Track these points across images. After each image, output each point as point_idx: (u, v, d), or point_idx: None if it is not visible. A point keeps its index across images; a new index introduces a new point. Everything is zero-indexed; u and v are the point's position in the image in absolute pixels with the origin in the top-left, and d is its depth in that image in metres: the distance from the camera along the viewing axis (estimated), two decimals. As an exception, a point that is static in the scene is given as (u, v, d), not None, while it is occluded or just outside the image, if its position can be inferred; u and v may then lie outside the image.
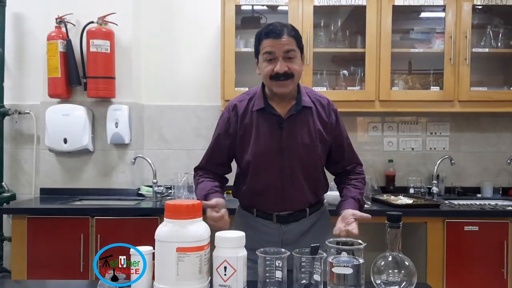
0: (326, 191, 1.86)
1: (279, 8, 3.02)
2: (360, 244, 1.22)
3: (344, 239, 1.25)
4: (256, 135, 1.72)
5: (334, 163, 1.83)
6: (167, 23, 3.25)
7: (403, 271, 1.16)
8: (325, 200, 1.90)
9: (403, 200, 2.82)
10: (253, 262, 1.28)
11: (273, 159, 1.70)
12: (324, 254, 1.21)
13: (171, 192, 2.97)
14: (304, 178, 1.73)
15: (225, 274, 1.18)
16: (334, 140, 1.78)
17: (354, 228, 1.54)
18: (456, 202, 2.87)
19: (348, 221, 1.57)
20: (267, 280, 1.22)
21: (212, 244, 1.23)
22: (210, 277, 1.23)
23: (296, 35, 1.67)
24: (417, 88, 3.09)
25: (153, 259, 1.24)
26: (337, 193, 1.87)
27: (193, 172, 2.96)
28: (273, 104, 1.73)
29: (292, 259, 1.24)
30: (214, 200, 1.59)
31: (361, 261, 1.18)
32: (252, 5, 3.02)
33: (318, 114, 1.74)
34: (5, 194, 3.09)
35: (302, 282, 1.22)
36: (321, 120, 1.74)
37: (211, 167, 1.83)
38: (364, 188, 1.82)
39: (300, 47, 1.69)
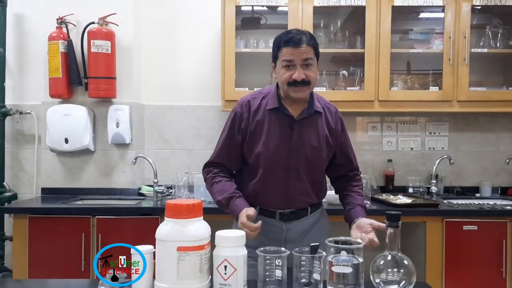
0: (325, 195, 1.91)
1: (279, 8, 3.02)
2: (359, 243, 1.23)
3: (343, 238, 1.26)
4: (267, 132, 1.74)
5: (337, 166, 1.88)
6: (167, 24, 3.26)
7: (402, 270, 1.17)
8: (324, 200, 1.94)
9: (402, 199, 2.83)
10: (255, 260, 1.28)
11: (281, 157, 1.74)
12: (324, 253, 1.22)
13: (171, 192, 2.97)
14: (308, 180, 1.77)
15: (225, 273, 1.19)
16: (340, 147, 1.84)
17: (375, 237, 1.56)
18: (455, 201, 2.88)
19: (366, 230, 1.61)
20: (267, 279, 1.23)
21: (212, 243, 1.25)
22: (210, 276, 1.24)
23: (314, 44, 1.72)
24: (416, 88, 3.09)
25: (154, 258, 1.25)
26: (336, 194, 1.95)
27: (194, 172, 2.95)
28: (286, 105, 1.76)
29: (292, 258, 1.25)
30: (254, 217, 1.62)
31: (361, 260, 1.20)
32: (252, 6, 3.03)
33: (327, 120, 1.80)
34: (7, 194, 3.10)
35: (302, 281, 1.23)
36: (328, 126, 1.80)
37: (225, 163, 1.82)
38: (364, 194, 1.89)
39: (317, 55, 1.75)
